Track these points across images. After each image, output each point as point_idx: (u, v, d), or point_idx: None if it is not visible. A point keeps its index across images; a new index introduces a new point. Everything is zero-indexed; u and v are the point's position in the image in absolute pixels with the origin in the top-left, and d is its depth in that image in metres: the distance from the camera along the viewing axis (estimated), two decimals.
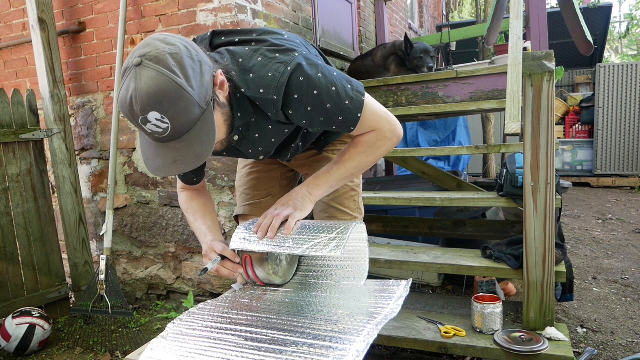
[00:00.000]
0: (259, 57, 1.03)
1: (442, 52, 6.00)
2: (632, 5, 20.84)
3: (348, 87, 1.06)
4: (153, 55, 0.86)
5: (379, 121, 1.13)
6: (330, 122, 1.08)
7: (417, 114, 2.78)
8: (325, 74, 1.03)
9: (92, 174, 3.13)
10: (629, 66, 6.52)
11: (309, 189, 1.16)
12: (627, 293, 2.80)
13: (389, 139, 1.15)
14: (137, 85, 0.85)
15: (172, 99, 0.85)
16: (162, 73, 0.85)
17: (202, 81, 0.91)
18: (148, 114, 0.86)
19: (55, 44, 2.70)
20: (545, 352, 1.70)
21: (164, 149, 0.92)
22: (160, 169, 0.93)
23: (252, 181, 1.49)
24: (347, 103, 1.05)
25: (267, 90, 1.01)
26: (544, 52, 1.79)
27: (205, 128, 0.93)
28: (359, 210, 1.46)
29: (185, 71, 0.87)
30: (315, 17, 3.37)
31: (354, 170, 1.19)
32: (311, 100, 1.02)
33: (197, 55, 0.93)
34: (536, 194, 1.83)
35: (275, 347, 0.86)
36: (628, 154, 6.55)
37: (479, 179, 5.47)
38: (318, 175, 1.18)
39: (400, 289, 1.12)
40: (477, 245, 2.31)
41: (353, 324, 0.94)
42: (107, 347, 2.43)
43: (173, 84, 0.85)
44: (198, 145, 0.92)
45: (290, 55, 1.02)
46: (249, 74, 1.02)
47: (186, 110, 0.88)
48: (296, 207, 1.12)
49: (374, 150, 1.16)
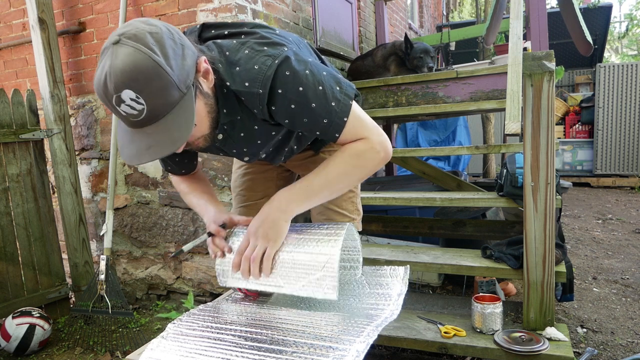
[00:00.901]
0: (246, 49, 0.98)
1: (442, 52, 6.00)
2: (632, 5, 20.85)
3: (336, 89, 1.00)
4: (132, 34, 0.82)
5: (367, 130, 1.04)
6: (314, 124, 1.00)
7: (417, 114, 2.78)
8: (313, 72, 0.98)
9: (92, 174, 3.13)
10: (629, 66, 6.52)
11: (282, 206, 1.06)
12: (627, 293, 2.80)
13: (377, 152, 1.05)
14: (112, 62, 0.81)
15: (147, 76, 0.81)
16: (138, 49, 0.81)
17: (183, 64, 0.87)
18: (122, 92, 0.81)
19: (55, 44, 2.70)
20: (545, 352, 1.70)
21: (139, 135, 0.87)
22: (134, 156, 0.88)
23: (247, 182, 1.46)
24: (333, 105, 0.99)
25: (253, 84, 0.96)
26: (544, 52, 1.79)
27: (183, 113, 0.88)
28: (357, 211, 1.43)
29: (164, 50, 0.83)
30: (315, 17, 3.37)
31: (337, 184, 1.08)
32: (295, 97, 0.96)
33: (180, 38, 0.89)
34: (536, 194, 1.83)
35: (275, 347, 0.86)
36: (628, 154, 6.55)
37: (479, 179, 5.47)
38: (294, 187, 1.08)
39: (399, 281, 1.12)
40: (477, 245, 2.31)
41: (353, 325, 0.94)
42: (107, 347, 2.43)
43: (150, 61, 0.81)
44: (175, 130, 0.87)
45: (279, 49, 0.98)
46: (235, 67, 0.98)
47: (163, 90, 0.83)
48: (269, 239, 1.04)
49: (361, 162, 1.05)
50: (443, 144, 5.82)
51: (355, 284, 1.16)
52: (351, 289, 1.15)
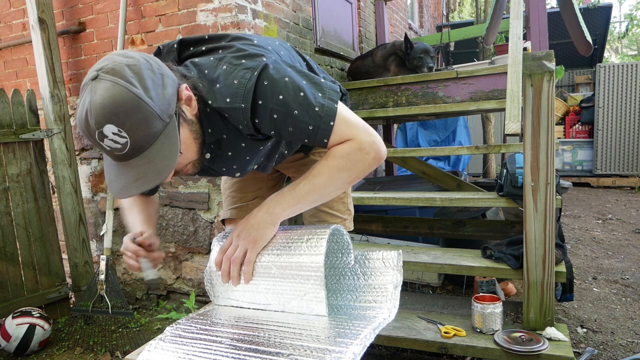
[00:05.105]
0: (224, 65, 0.96)
1: (442, 52, 6.00)
2: (632, 5, 20.83)
3: (318, 95, 0.97)
4: (109, 68, 0.82)
5: (354, 130, 1.00)
6: (300, 132, 0.98)
7: (417, 114, 2.78)
8: (293, 79, 0.95)
9: (92, 174, 3.13)
10: (629, 66, 6.52)
11: (270, 210, 1.05)
12: (627, 293, 2.80)
13: (367, 153, 1.00)
14: (91, 99, 0.80)
15: (128, 109, 0.80)
16: (117, 83, 0.81)
17: (163, 93, 0.86)
18: (104, 128, 0.81)
19: (55, 44, 2.70)
20: (545, 352, 1.70)
21: (125, 168, 0.87)
22: (122, 189, 0.88)
23: (237, 183, 1.45)
24: (317, 110, 0.96)
25: (234, 99, 0.94)
26: (544, 52, 1.79)
27: (168, 142, 0.87)
28: (348, 211, 1.43)
29: (143, 82, 0.83)
30: (315, 17, 3.37)
31: (324, 189, 1.04)
32: (276, 107, 0.94)
33: (159, 68, 0.89)
34: (536, 194, 1.83)
35: (273, 350, 0.86)
36: (628, 154, 6.55)
37: (479, 179, 5.47)
38: (282, 193, 1.06)
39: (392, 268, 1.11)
40: (477, 245, 2.31)
41: (350, 328, 0.94)
42: (107, 347, 2.43)
43: (129, 94, 0.81)
44: (160, 160, 0.87)
45: (257, 60, 0.95)
46: (215, 84, 0.96)
47: (145, 122, 0.83)
48: (252, 239, 1.04)
49: (347, 163, 1.00)
50: (443, 144, 5.83)
51: (350, 274, 1.14)
52: (346, 282, 1.14)
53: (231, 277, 1.05)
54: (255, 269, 1.05)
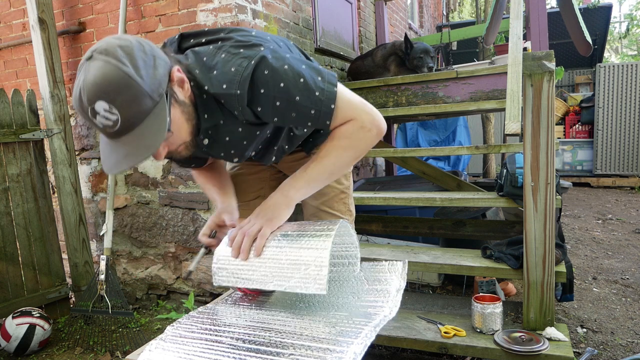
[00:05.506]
0: (222, 53, 1.00)
1: (442, 52, 6.00)
2: (632, 5, 20.83)
3: (318, 79, 1.01)
4: (103, 48, 0.87)
5: (355, 110, 1.06)
6: (303, 117, 1.03)
7: (417, 114, 2.78)
8: (292, 66, 0.99)
9: (92, 174, 3.13)
10: (629, 66, 6.52)
11: (284, 192, 1.11)
12: (627, 293, 2.80)
13: (368, 130, 1.07)
14: (85, 77, 0.85)
15: (118, 86, 0.85)
16: (108, 62, 0.85)
17: (154, 73, 0.90)
18: (95, 104, 0.85)
19: (55, 44, 2.70)
20: (545, 352, 1.70)
21: (117, 145, 0.91)
22: (113, 165, 0.92)
23: (239, 183, 1.46)
24: (317, 94, 1.00)
25: (230, 85, 0.98)
26: (544, 52, 1.79)
27: (157, 120, 0.91)
28: (349, 212, 1.44)
29: (134, 61, 0.87)
30: (315, 17, 3.37)
31: (333, 167, 1.11)
32: (278, 94, 0.98)
33: (152, 50, 0.92)
34: (536, 194, 1.83)
35: (273, 350, 0.86)
36: (628, 154, 6.54)
37: (479, 179, 5.47)
38: (295, 176, 1.12)
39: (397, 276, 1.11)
40: (477, 245, 2.31)
41: (351, 326, 0.94)
42: (107, 347, 2.43)
43: (119, 72, 0.85)
44: (150, 136, 0.91)
45: (255, 49, 0.99)
46: (213, 71, 1.00)
47: (135, 99, 0.87)
48: (269, 218, 1.08)
49: (351, 142, 1.07)
50: (443, 144, 5.82)
51: (354, 281, 1.16)
52: (350, 285, 1.15)
53: (242, 250, 1.06)
54: (266, 244, 1.06)
